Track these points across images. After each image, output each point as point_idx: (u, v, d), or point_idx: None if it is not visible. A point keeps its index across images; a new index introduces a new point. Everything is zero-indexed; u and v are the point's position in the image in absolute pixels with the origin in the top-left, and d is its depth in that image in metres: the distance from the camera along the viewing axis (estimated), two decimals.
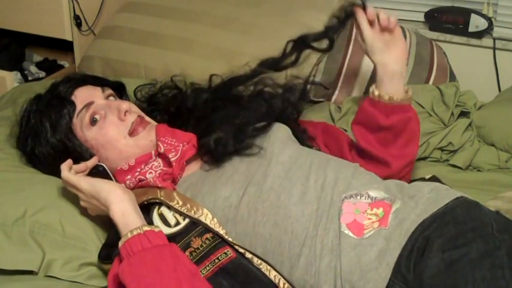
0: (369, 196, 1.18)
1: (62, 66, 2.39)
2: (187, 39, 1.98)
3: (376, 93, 1.38)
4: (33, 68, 2.36)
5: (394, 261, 1.07)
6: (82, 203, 1.23)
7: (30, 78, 2.31)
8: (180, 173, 1.27)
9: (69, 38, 2.17)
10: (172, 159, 1.25)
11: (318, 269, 1.11)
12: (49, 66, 2.38)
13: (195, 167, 1.30)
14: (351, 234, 1.12)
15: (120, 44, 2.05)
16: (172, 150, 1.26)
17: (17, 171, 1.36)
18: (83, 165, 1.25)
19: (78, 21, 2.15)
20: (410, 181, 1.40)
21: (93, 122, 1.29)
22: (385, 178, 1.30)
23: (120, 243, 1.09)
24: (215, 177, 1.24)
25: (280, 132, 1.35)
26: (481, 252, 1.02)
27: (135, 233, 1.08)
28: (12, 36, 2.30)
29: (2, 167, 1.37)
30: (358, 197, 1.18)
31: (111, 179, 1.26)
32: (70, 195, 1.30)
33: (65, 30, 2.14)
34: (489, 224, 1.07)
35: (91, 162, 1.27)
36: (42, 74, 2.34)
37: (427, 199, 1.15)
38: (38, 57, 2.45)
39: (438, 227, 1.08)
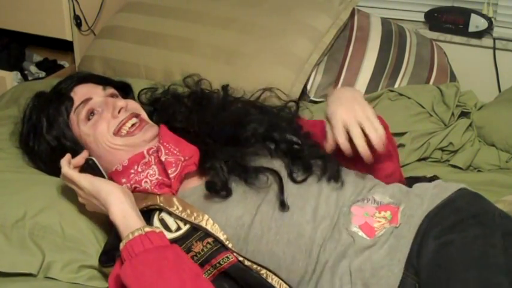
0: (374, 200, 1.19)
1: (62, 66, 2.38)
2: (187, 39, 1.98)
3: None
4: (33, 68, 2.35)
5: (406, 256, 1.08)
6: (80, 199, 1.22)
7: (30, 78, 2.30)
8: (179, 185, 1.25)
9: (69, 38, 2.17)
10: (171, 175, 1.23)
11: (332, 280, 1.11)
12: (49, 66, 2.37)
13: (198, 181, 1.26)
14: (364, 235, 1.13)
15: (120, 44, 2.05)
16: (173, 165, 1.24)
17: (18, 171, 1.36)
18: (80, 159, 1.25)
19: (78, 21, 2.15)
20: (406, 179, 1.43)
21: (89, 117, 1.29)
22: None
23: (122, 245, 1.08)
24: None
25: None
26: (476, 235, 1.04)
27: (136, 234, 1.08)
28: (12, 36, 2.30)
29: (2, 167, 1.37)
30: (365, 201, 1.19)
31: (101, 172, 1.25)
32: (70, 196, 1.30)
33: (65, 30, 2.14)
34: (491, 212, 1.09)
35: (84, 154, 1.26)
36: (42, 74, 2.33)
37: (431, 194, 1.17)
38: (38, 57, 2.44)
39: (439, 216, 1.11)
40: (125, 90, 1.45)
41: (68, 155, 1.24)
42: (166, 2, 2.13)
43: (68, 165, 1.22)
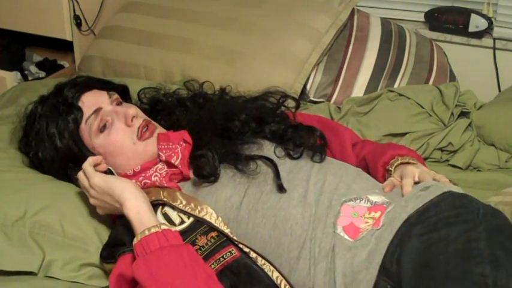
0: (368, 200, 1.18)
1: (62, 66, 2.38)
2: (187, 39, 1.98)
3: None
4: (33, 68, 2.36)
5: (382, 258, 1.07)
6: (92, 200, 1.22)
7: (30, 78, 2.31)
8: (189, 170, 1.26)
9: (69, 38, 2.17)
10: (176, 163, 1.25)
11: (315, 272, 1.11)
12: (49, 66, 2.37)
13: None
14: (346, 236, 1.12)
15: (120, 44, 2.05)
16: (173, 154, 1.26)
17: (18, 171, 1.36)
18: (103, 166, 1.25)
19: (78, 21, 2.15)
20: None
21: (102, 129, 1.28)
22: None
23: (136, 240, 1.08)
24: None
25: None
26: (459, 231, 1.03)
27: (153, 230, 1.08)
28: (12, 36, 2.30)
29: (2, 166, 1.37)
30: (358, 201, 1.18)
31: None
32: (70, 195, 1.30)
33: (65, 30, 2.14)
34: (475, 210, 1.08)
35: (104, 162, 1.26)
36: (42, 74, 2.33)
37: (417, 197, 1.15)
38: (38, 57, 2.44)
39: (421, 218, 1.09)
40: (123, 92, 1.45)
41: (95, 158, 1.23)
42: (166, 2, 2.13)
43: (90, 165, 1.21)
